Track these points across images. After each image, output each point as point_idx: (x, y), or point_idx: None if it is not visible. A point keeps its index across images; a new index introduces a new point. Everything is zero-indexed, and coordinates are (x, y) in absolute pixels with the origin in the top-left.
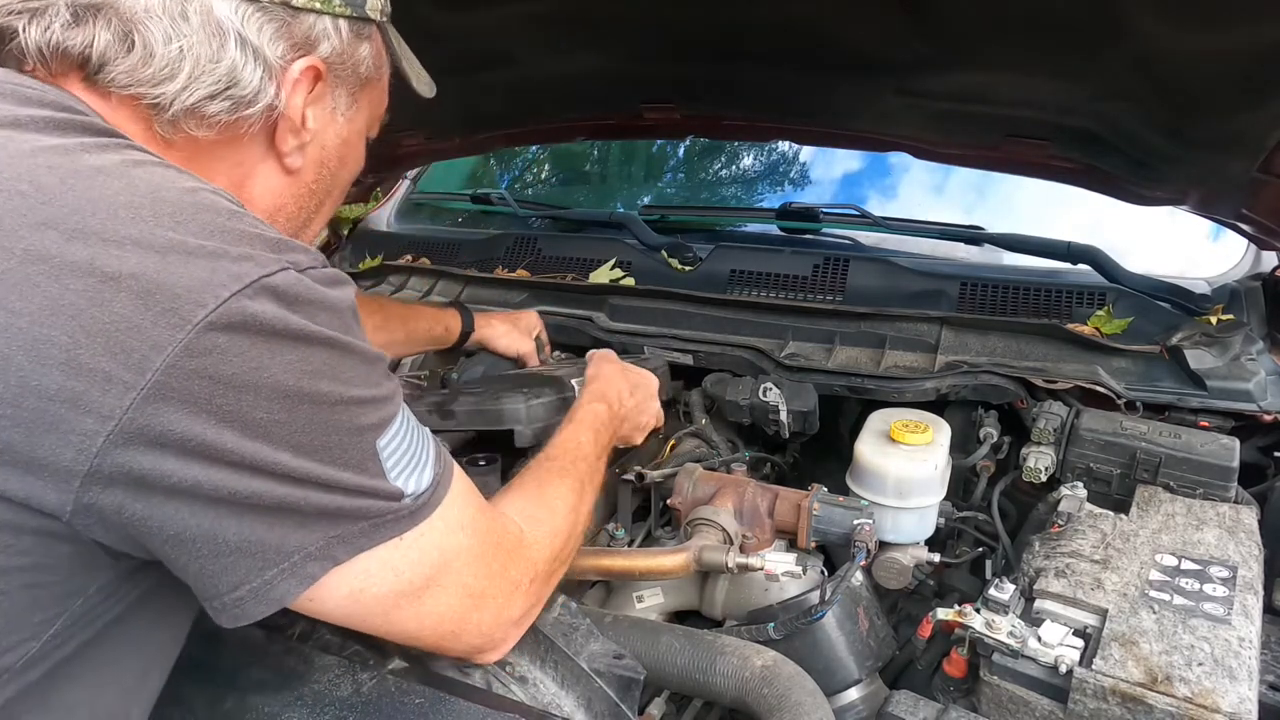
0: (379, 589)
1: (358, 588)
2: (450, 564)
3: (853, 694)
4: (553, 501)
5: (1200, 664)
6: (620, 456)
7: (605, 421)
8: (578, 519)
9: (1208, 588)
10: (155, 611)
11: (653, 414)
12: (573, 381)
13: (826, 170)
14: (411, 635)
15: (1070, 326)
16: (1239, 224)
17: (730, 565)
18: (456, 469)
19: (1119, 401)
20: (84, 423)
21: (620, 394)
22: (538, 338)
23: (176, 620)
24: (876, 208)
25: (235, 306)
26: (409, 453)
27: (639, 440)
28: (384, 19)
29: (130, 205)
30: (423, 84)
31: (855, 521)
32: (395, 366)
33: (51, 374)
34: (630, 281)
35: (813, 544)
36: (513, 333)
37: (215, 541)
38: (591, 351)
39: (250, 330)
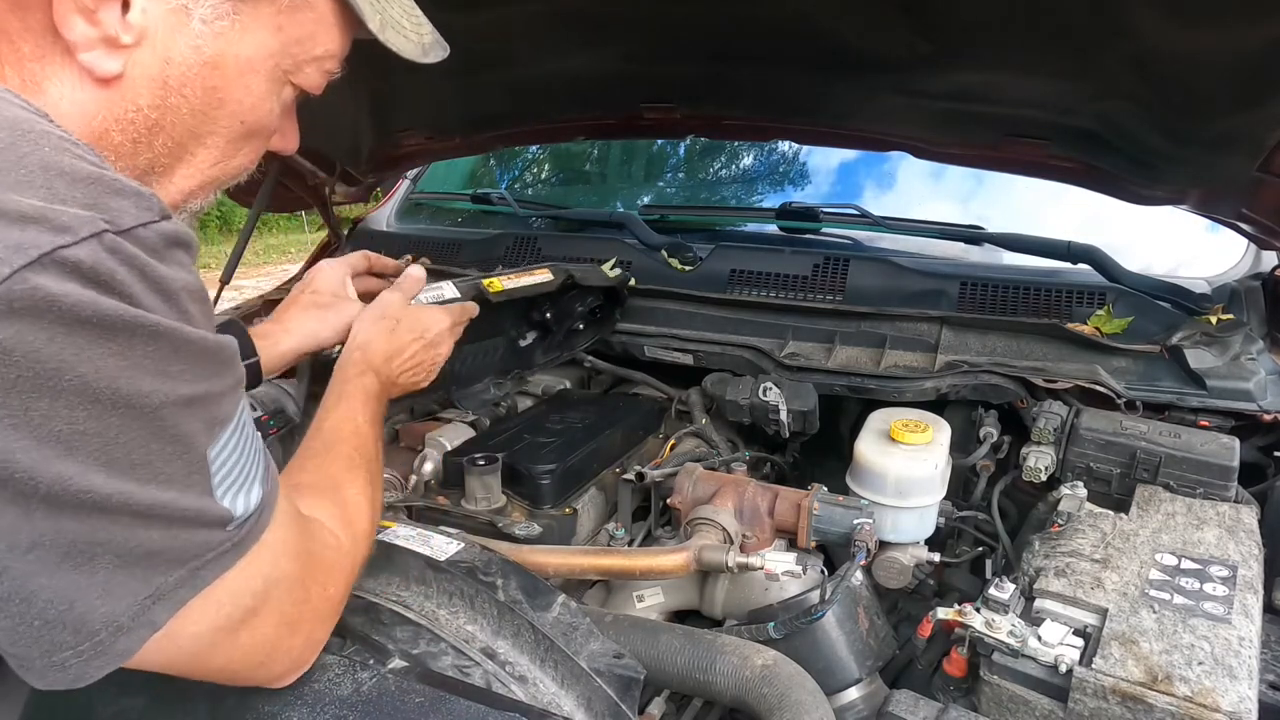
0: (198, 629)
1: (174, 632)
2: (271, 594)
3: (853, 693)
4: (354, 499)
5: (1200, 663)
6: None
7: (376, 394)
8: (374, 516)
9: (1208, 587)
10: None
11: (439, 359)
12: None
13: (826, 170)
14: (213, 673)
15: (1070, 326)
16: (1239, 224)
17: (730, 565)
18: (275, 474)
19: (1119, 401)
20: None
21: (388, 358)
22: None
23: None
24: (876, 207)
25: (19, 288)
26: (241, 463)
27: (424, 385)
28: None
29: None
30: (399, 34)
31: (855, 521)
32: None
33: None
34: (631, 283)
35: (813, 543)
36: (322, 313)
37: (21, 600)
38: (379, 297)
39: (43, 317)
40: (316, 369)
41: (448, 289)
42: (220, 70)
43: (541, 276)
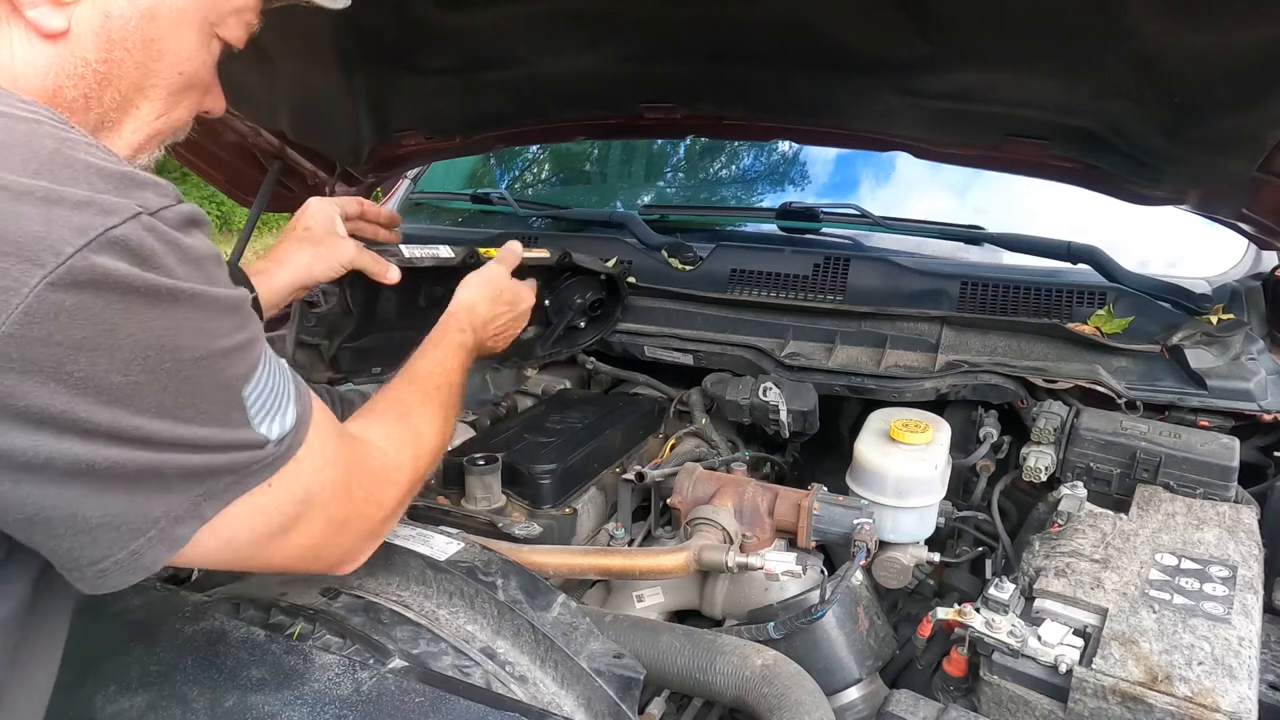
0: (249, 533)
1: (227, 536)
2: (314, 498)
3: (853, 693)
4: (421, 424)
5: (1200, 663)
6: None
7: (469, 349)
8: (440, 442)
9: (1208, 587)
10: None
11: (520, 329)
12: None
13: (826, 170)
14: (275, 566)
15: (1071, 326)
16: (1239, 224)
17: (730, 565)
18: (316, 399)
19: (1119, 401)
20: None
21: (486, 322)
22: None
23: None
24: (876, 207)
25: (81, 264)
26: (272, 395)
27: (503, 349)
28: None
29: None
30: None
31: (855, 521)
32: None
33: None
34: (631, 280)
35: (813, 543)
36: (315, 248)
37: (75, 519)
38: (487, 267)
39: (100, 288)
40: (305, 312)
41: (443, 250)
42: (157, 22)
43: (539, 253)
